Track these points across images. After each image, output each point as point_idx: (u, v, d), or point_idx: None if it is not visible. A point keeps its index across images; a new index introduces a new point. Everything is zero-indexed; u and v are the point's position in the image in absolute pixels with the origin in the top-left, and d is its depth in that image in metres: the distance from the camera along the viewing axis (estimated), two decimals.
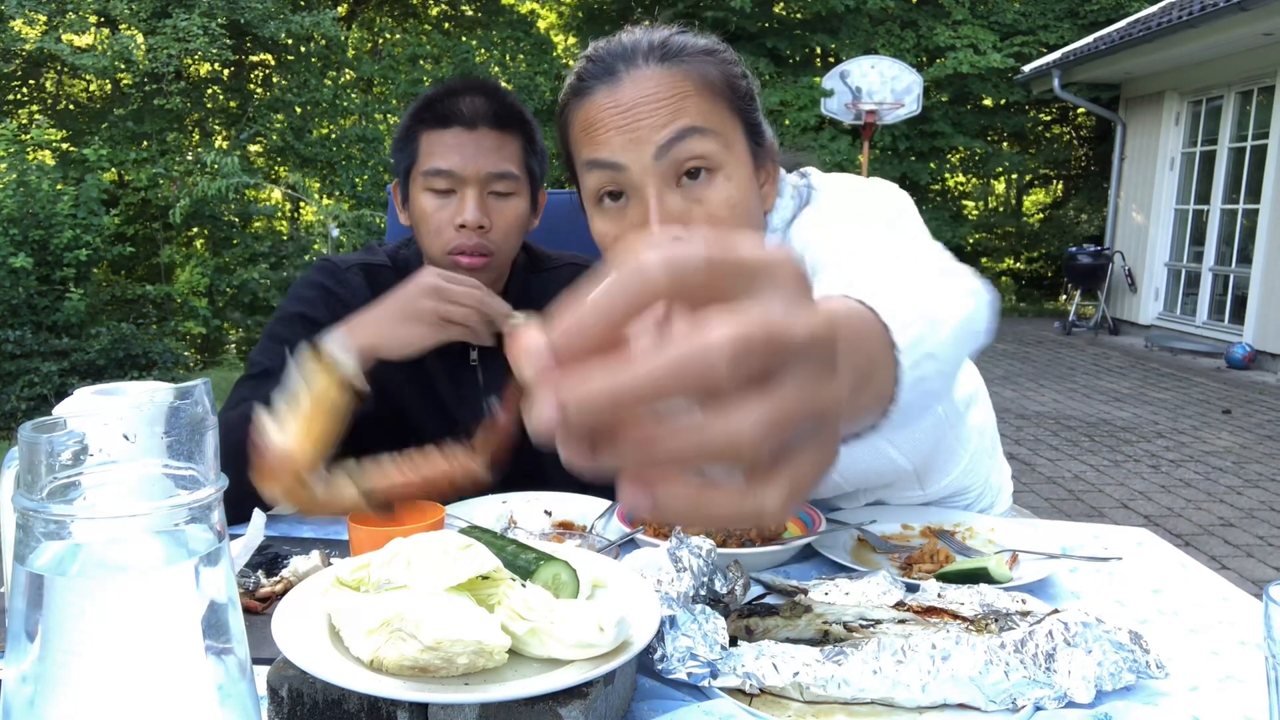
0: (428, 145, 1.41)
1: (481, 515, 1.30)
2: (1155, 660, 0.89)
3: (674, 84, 1.05)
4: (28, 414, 6.03)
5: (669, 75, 1.06)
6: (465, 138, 1.40)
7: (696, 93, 1.06)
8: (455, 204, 1.41)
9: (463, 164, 1.40)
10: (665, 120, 1.02)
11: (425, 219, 1.42)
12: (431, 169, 1.40)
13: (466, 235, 1.40)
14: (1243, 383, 7.95)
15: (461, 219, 1.39)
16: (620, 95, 1.05)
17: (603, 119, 1.05)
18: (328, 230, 8.83)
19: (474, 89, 1.44)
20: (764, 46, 13.69)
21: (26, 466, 0.50)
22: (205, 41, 9.13)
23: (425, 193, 1.42)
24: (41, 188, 6.53)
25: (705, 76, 1.08)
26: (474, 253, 1.41)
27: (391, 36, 14.30)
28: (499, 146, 1.42)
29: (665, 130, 1.02)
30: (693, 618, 0.89)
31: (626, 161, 1.03)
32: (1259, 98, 9.12)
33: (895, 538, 1.32)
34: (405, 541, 0.84)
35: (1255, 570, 3.80)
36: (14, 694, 0.50)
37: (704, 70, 1.08)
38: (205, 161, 9.24)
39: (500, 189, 1.43)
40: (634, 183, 1.04)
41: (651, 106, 1.03)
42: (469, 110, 1.41)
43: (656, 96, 1.04)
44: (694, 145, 1.03)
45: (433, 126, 1.41)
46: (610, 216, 1.08)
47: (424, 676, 0.74)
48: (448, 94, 1.43)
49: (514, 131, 1.44)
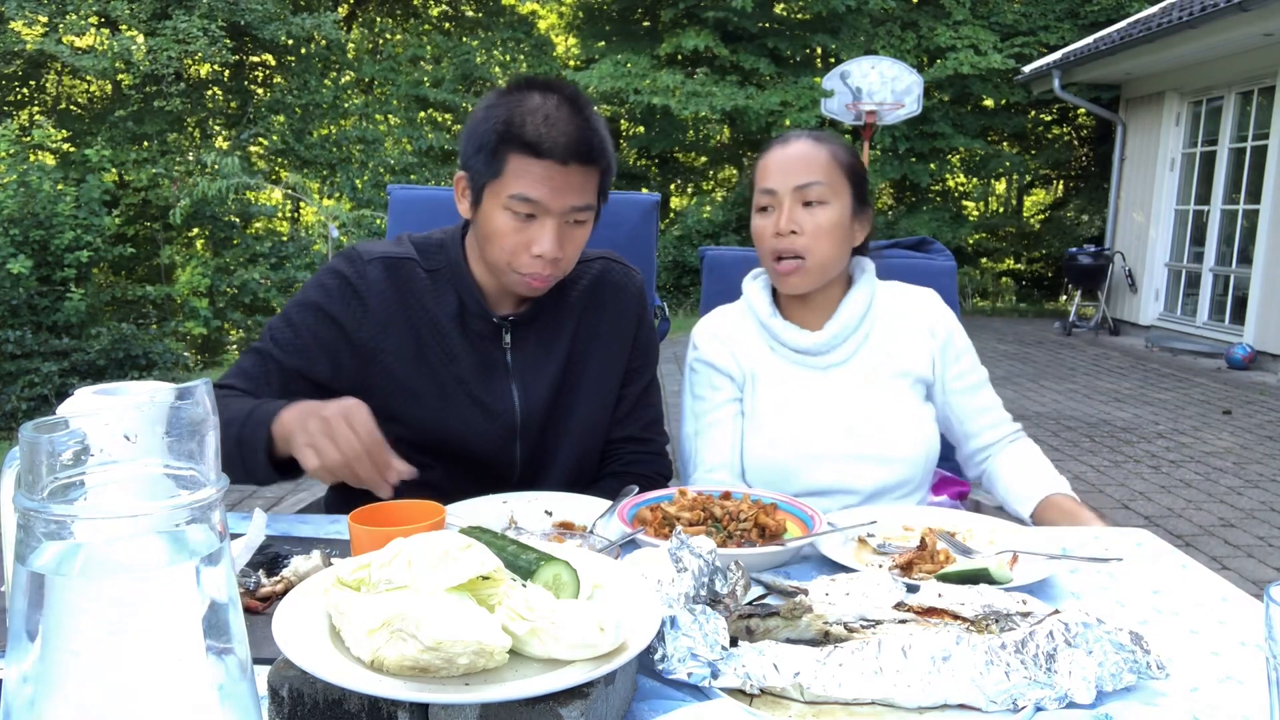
0: (516, 169, 1.39)
1: (482, 515, 1.30)
2: (1156, 661, 0.89)
3: (817, 154, 1.65)
4: (28, 414, 6.03)
5: (816, 147, 1.65)
6: (555, 171, 1.38)
7: (828, 163, 1.64)
8: (534, 230, 1.41)
9: (550, 197, 1.39)
10: (806, 173, 1.62)
11: (499, 236, 1.42)
12: (519, 195, 1.39)
13: (541, 264, 1.42)
14: (1243, 383, 7.95)
15: (540, 250, 1.40)
16: (786, 151, 1.66)
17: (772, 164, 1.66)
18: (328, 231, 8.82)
19: (567, 109, 1.41)
20: (764, 46, 13.69)
21: (27, 466, 0.50)
22: (205, 43, 9.13)
23: (504, 211, 1.41)
24: (43, 188, 6.53)
25: (835, 155, 1.66)
26: (544, 281, 1.46)
27: (392, 37, 14.30)
28: (584, 181, 1.42)
29: (804, 178, 1.62)
30: (693, 618, 0.89)
31: (778, 189, 1.63)
32: (1259, 98, 9.12)
33: (895, 538, 1.32)
34: (406, 541, 0.84)
35: (1255, 571, 3.80)
36: (14, 694, 0.50)
37: (836, 152, 1.66)
38: (205, 162, 9.25)
39: (577, 219, 1.44)
40: (779, 201, 1.63)
41: (801, 164, 1.63)
42: (565, 144, 1.38)
43: (805, 157, 1.64)
44: (815, 189, 1.62)
45: (524, 152, 1.38)
46: (762, 217, 1.66)
47: (424, 676, 0.74)
48: (545, 120, 1.38)
49: (600, 165, 1.44)
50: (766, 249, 1.65)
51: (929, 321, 1.71)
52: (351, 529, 1.07)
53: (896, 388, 1.67)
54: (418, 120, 12.88)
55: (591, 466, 1.64)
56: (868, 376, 1.67)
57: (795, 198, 1.61)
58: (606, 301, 1.63)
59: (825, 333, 1.67)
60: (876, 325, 1.70)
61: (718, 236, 12.72)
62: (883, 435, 1.63)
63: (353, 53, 12.95)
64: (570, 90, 1.45)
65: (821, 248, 1.61)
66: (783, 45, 13.84)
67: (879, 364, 1.68)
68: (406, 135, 12.38)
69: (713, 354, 1.72)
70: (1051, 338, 10.81)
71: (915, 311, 1.72)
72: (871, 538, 1.31)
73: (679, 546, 1.00)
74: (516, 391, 1.54)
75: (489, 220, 1.43)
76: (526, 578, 0.87)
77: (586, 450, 1.62)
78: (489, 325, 1.53)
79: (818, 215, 1.61)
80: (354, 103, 12.30)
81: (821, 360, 1.68)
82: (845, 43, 13.68)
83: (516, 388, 1.54)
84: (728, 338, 1.73)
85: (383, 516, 1.11)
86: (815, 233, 1.60)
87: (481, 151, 1.42)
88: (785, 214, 1.61)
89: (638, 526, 1.26)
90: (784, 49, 13.88)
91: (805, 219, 1.61)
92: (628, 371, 1.66)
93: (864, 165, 1.73)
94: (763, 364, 1.70)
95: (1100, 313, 11.09)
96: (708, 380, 1.72)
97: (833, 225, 1.62)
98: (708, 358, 1.72)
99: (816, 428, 1.64)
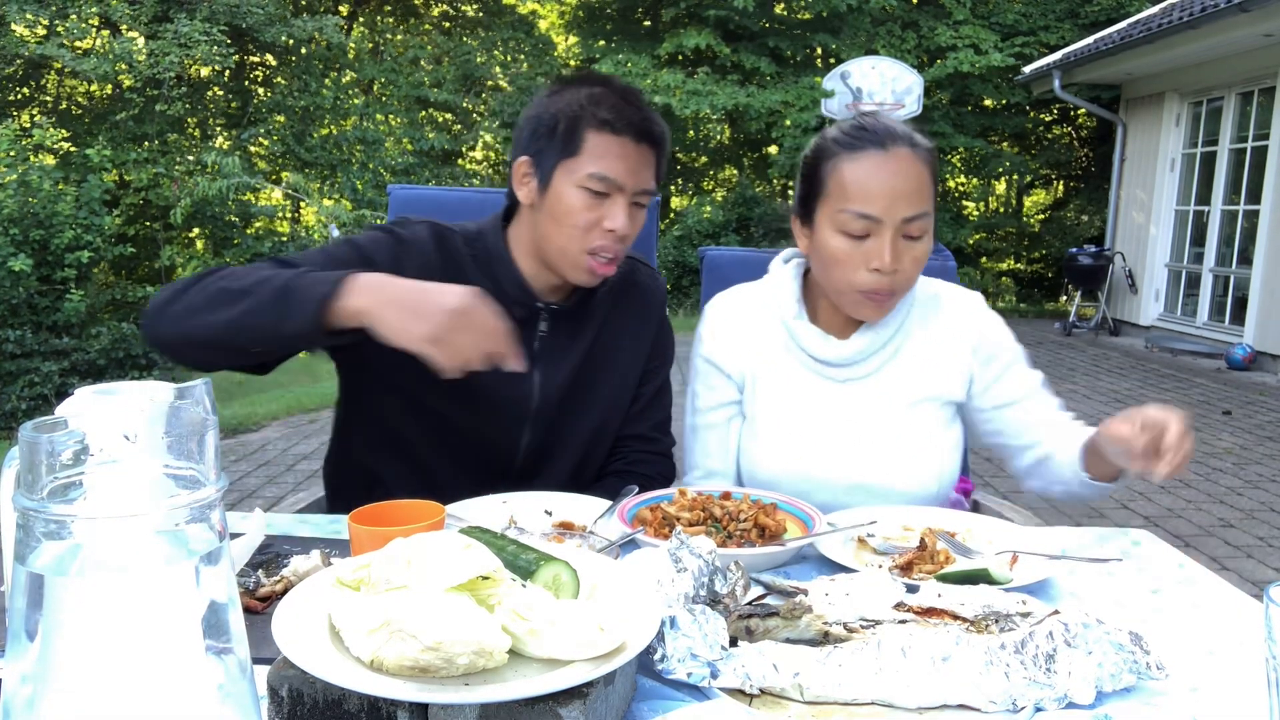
0: (596, 146, 1.41)
1: (481, 515, 1.30)
2: (1155, 661, 0.89)
3: (920, 170, 1.44)
4: (28, 414, 6.03)
5: (916, 162, 1.43)
6: (631, 149, 1.43)
7: (929, 185, 1.45)
8: (606, 207, 1.43)
9: (627, 175, 1.42)
10: (914, 200, 1.42)
11: (572, 214, 1.43)
12: (598, 174, 1.41)
13: (612, 240, 1.44)
14: (1243, 384, 7.95)
15: (613, 225, 1.42)
16: (889, 165, 1.42)
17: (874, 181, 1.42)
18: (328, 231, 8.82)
19: (635, 97, 1.47)
20: (765, 46, 13.69)
21: (27, 466, 0.50)
22: (207, 46, 9.12)
23: (578, 189, 1.42)
24: (43, 188, 6.52)
25: (932, 169, 1.47)
26: (612, 259, 1.46)
27: (393, 38, 14.29)
28: (651, 164, 1.47)
29: (913, 209, 1.42)
30: (693, 618, 0.89)
31: (883, 217, 1.41)
32: (1259, 99, 9.11)
33: (895, 538, 1.32)
34: (405, 541, 0.84)
35: (1255, 571, 3.80)
36: (14, 694, 0.50)
37: (932, 164, 1.47)
38: (206, 162, 9.24)
39: (641, 201, 1.47)
40: (880, 230, 1.41)
41: (908, 185, 1.42)
42: (639, 124, 1.43)
43: (910, 175, 1.42)
44: (920, 223, 1.43)
45: (603, 130, 1.42)
46: (850, 244, 1.44)
47: (424, 676, 0.74)
48: (621, 100, 1.43)
49: (661, 150, 1.49)
50: (854, 280, 1.44)
51: (970, 337, 1.56)
52: (351, 529, 1.07)
53: (919, 413, 1.54)
54: (418, 120, 12.88)
55: (594, 465, 1.64)
56: (888, 397, 1.54)
57: (899, 229, 1.41)
58: (633, 300, 1.64)
59: (851, 345, 1.52)
60: (909, 341, 1.55)
61: (718, 237, 12.72)
62: (893, 466, 1.51)
63: (353, 53, 12.94)
64: (622, 82, 1.50)
65: (913, 279, 1.48)
66: (784, 45, 13.84)
67: (903, 384, 1.54)
68: (407, 136, 12.37)
69: (715, 350, 1.62)
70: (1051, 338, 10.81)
71: (955, 325, 1.56)
72: (871, 538, 1.31)
73: (679, 546, 1.00)
74: (537, 378, 1.54)
75: (561, 200, 1.43)
76: (526, 578, 0.87)
77: (592, 446, 1.62)
78: (526, 311, 1.52)
79: (917, 249, 1.44)
80: (354, 103, 12.29)
81: (840, 372, 1.55)
82: (846, 42, 13.68)
83: (538, 374, 1.54)
84: (738, 326, 1.61)
85: (383, 516, 1.11)
86: (913, 267, 1.45)
87: (554, 133, 1.44)
88: (889, 248, 1.40)
89: (637, 526, 1.26)
90: (785, 48, 13.88)
91: (906, 252, 1.43)
92: (644, 371, 1.66)
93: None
94: (771, 362, 1.58)
95: (1100, 313, 11.09)
96: (707, 379, 1.63)
97: (925, 255, 1.46)
98: (709, 354, 1.62)
99: (821, 445, 1.53)
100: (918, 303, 1.57)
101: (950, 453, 1.55)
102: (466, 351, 1.22)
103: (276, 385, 7.07)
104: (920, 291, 1.57)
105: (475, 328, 1.23)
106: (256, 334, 1.30)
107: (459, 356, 1.22)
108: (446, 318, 1.21)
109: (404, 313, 1.22)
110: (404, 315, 1.22)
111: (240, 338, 1.30)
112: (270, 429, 6.10)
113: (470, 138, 13.46)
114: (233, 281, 1.32)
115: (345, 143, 11.65)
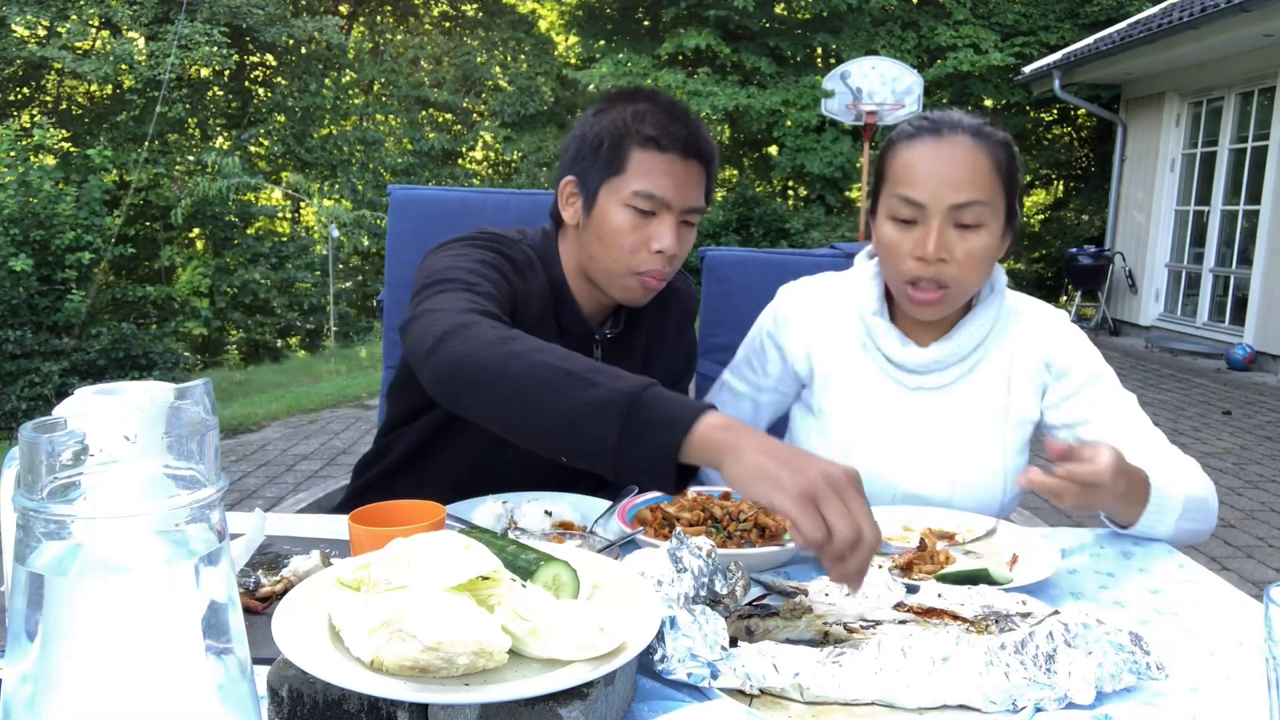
0: (641, 164, 1.39)
1: (481, 515, 1.30)
2: (1155, 661, 0.89)
3: (978, 158, 1.37)
4: (28, 414, 6.04)
5: (977, 150, 1.37)
6: (679, 167, 1.40)
7: (990, 174, 1.37)
8: (653, 227, 1.40)
9: (674, 193, 1.39)
10: (966, 188, 1.35)
11: (619, 234, 1.40)
12: (644, 191, 1.38)
13: (660, 261, 1.41)
14: (1243, 384, 7.95)
15: (661, 245, 1.40)
16: (940, 151, 1.37)
17: (922, 165, 1.37)
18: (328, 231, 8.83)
19: (682, 113, 1.43)
20: (766, 46, 13.70)
21: (27, 466, 0.50)
22: (207, 47, 9.13)
23: (624, 208, 1.40)
24: (43, 188, 6.53)
25: (998, 162, 1.38)
26: (660, 279, 1.44)
27: (393, 38, 14.29)
28: (700, 181, 1.44)
29: (964, 196, 1.35)
30: (693, 618, 0.89)
31: (928, 203, 1.36)
32: (1260, 99, 9.11)
33: (895, 539, 1.32)
34: (405, 541, 0.84)
35: (1255, 571, 3.80)
36: (14, 694, 0.50)
37: (998, 156, 1.38)
38: (206, 162, 9.25)
39: (690, 219, 1.44)
40: (926, 217, 1.36)
41: (958, 172, 1.35)
42: (685, 139, 1.40)
43: (963, 162, 1.36)
44: (974, 211, 1.36)
45: (647, 147, 1.39)
46: (899, 230, 1.39)
47: (424, 677, 0.74)
48: (668, 116, 1.40)
49: (710, 166, 1.46)
50: (902, 269, 1.39)
51: (1044, 351, 1.49)
52: (351, 529, 1.07)
53: (989, 433, 1.47)
54: (418, 120, 12.88)
55: None
56: (961, 411, 1.48)
57: (948, 217, 1.35)
58: (671, 305, 1.64)
59: (929, 353, 1.46)
60: (989, 357, 1.49)
61: (718, 236, 12.72)
62: (955, 483, 1.46)
63: (353, 53, 12.95)
64: (668, 97, 1.46)
65: (969, 278, 1.39)
66: (784, 44, 13.85)
67: (977, 401, 1.48)
68: (407, 136, 12.38)
69: (784, 335, 1.57)
70: None
71: (1031, 340, 1.50)
72: None
73: (679, 546, 1.00)
74: None
75: (606, 219, 1.41)
76: (526, 578, 0.87)
77: None
78: (584, 342, 1.51)
79: (971, 241, 1.36)
80: (355, 103, 12.30)
81: (914, 379, 1.49)
82: (846, 42, 13.69)
83: None
84: (815, 317, 1.55)
85: (383, 516, 1.11)
86: (966, 261, 1.37)
87: (599, 151, 1.41)
88: (935, 236, 1.35)
89: (637, 526, 1.26)
90: (785, 48, 13.89)
91: (957, 244, 1.36)
92: (675, 378, 1.66)
93: (1021, 166, 1.45)
94: (847, 359, 1.53)
95: (1100, 313, 11.09)
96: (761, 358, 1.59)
97: (985, 252, 1.38)
98: (776, 336, 1.57)
99: (887, 451, 1.48)
100: (1004, 318, 1.50)
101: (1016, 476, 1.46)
102: (840, 525, 0.93)
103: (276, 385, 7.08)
104: (1006, 307, 1.51)
105: (855, 505, 0.96)
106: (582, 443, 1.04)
107: (822, 526, 0.94)
108: (826, 479, 0.95)
109: (777, 461, 0.97)
110: (777, 464, 0.97)
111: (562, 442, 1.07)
112: (270, 429, 6.10)
113: (470, 138, 13.47)
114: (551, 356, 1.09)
115: (345, 143, 11.66)
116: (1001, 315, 1.50)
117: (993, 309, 1.48)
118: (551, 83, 13.66)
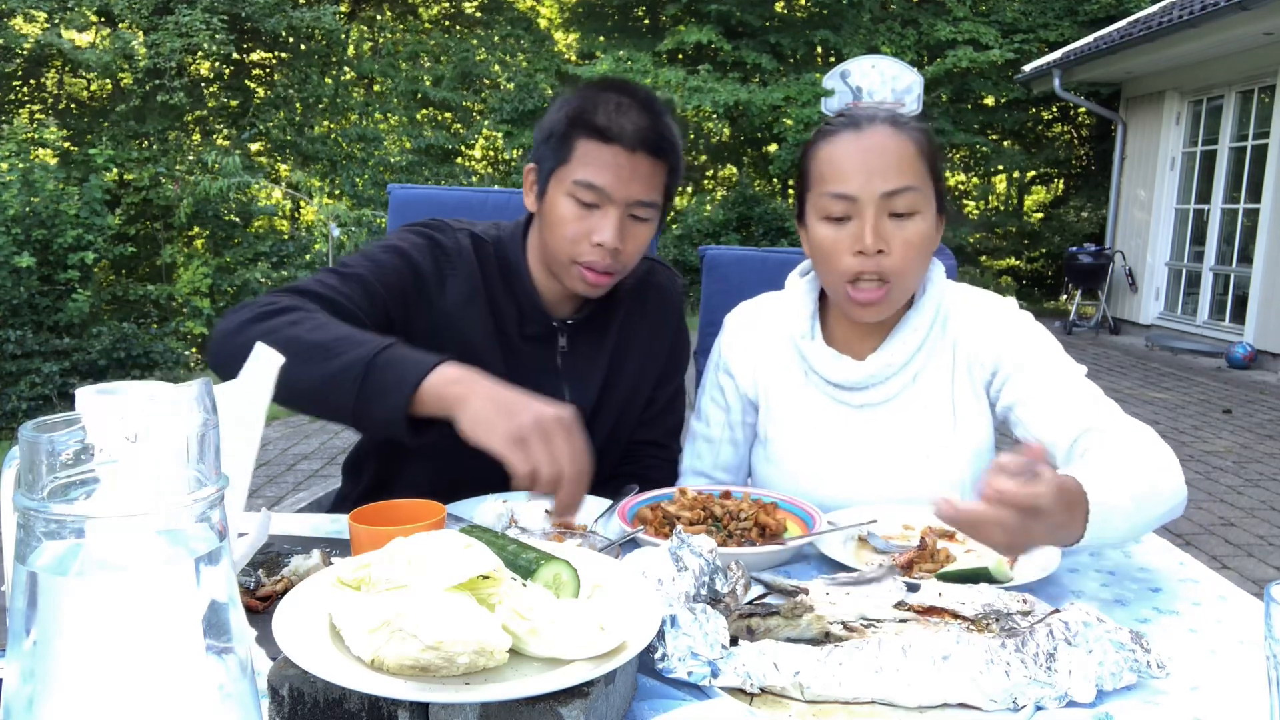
0: (583, 154, 1.38)
1: (482, 515, 1.30)
2: (1156, 660, 0.89)
3: (901, 144, 1.35)
4: (29, 414, 6.04)
5: (899, 138, 1.36)
6: (623, 159, 1.38)
7: (915, 160, 1.36)
8: (596, 219, 1.39)
9: (614, 185, 1.38)
10: (894, 174, 1.33)
11: (562, 224, 1.40)
12: (583, 181, 1.38)
13: (600, 254, 1.40)
14: (1243, 382, 7.95)
15: (600, 239, 1.38)
16: (863, 142, 1.35)
17: (846, 158, 1.35)
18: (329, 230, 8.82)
19: (639, 103, 1.40)
20: (766, 42, 13.69)
21: (27, 466, 0.50)
22: (207, 35, 9.13)
23: (568, 199, 1.40)
24: (46, 187, 6.53)
25: (921, 148, 1.37)
26: (603, 271, 1.42)
27: (392, 35, 14.28)
28: (650, 174, 1.41)
29: (893, 183, 1.33)
30: (693, 617, 0.89)
31: (858, 194, 1.34)
32: (1260, 97, 9.11)
33: (896, 538, 1.32)
34: (406, 541, 0.84)
35: (1255, 570, 3.80)
36: (14, 694, 0.50)
37: (920, 142, 1.38)
38: (206, 161, 9.25)
39: (640, 214, 1.42)
40: (859, 210, 1.34)
41: (884, 160, 1.34)
42: (633, 132, 1.37)
43: (888, 150, 1.34)
44: (907, 198, 1.34)
45: (592, 137, 1.38)
46: (834, 229, 1.37)
47: (425, 676, 0.74)
48: (616, 108, 1.38)
49: (666, 159, 1.42)
50: (841, 269, 1.35)
51: (987, 345, 1.43)
52: (351, 529, 1.08)
53: (944, 439, 1.43)
54: (418, 118, 12.87)
55: (607, 468, 1.60)
56: (909, 424, 1.43)
57: (881, 207, 1.33)
58: (650, 303, 1.62)
59: (866, 368, 1.43)
60: (931, 363, 1.44)
61: (718, 236, 12.72)
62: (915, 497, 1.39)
63: (353, 50, 12.94)
64: (645, 90, 1.44)
65: (909, 269, 1.35)
66: (784, 41, 13.84)
67: (925, 410, 1.44)
68: (406, 134, 12.37)
69: (730, 364, 1.56)
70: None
71: (976, 337, 1.44)
72: (872, 537, 1.31)
73: (679, 545, 1.00)
74: (566, 394, 1.52)
75: (553, 208, 1.42)
76: (526, 577, 0.87)
77: (606, 450, 1.60)
78: (545, 329, 1.52)
79: (908, 229, 1.34)
80: (354, 100, 12.29)
81: (856, 397, 1.45)
82: (846, 39, 13.69)
83: (566, 391, 1.53)
84: (753, 343, 1.54)
85: (383, 516, 1.11)
86: (905, 251, 1.33)
87: (551, 139, 1.42)
88: (870, 226, 1.32)
89: (638, 526, 1.26)
90: (786, 45, 13.88)
91: (894, 233, 1.33)
92: (660, 376, 1.65)
93: (941, 155, 1.43)
94: (786, 383, 1.50)
95: (1100, 312, 11.09)
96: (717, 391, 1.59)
97: (922, 240, 1.35)
98: (725, 366, 1.57)
99: (835, 476, 1.45)
100: (937, 321, 1.45)
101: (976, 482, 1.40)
102: (543, 463, 1.10)
103: None
104: (944, 309, 1.46)
105: (560, 444, 1.11)
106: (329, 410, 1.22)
107: (533, 464, 1.10)
108: (536, 422, 1.11)
109: (496, 407, 1.12)
110: (495, 410, 1.12)
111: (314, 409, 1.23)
112: (270, 429, 6.10)
113: (470, 135, 13.46)
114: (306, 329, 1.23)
115: (345, 140, 11.66)
116: (939, 316, 1.46)
117: (928, 312, 1.44)
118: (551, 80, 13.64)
